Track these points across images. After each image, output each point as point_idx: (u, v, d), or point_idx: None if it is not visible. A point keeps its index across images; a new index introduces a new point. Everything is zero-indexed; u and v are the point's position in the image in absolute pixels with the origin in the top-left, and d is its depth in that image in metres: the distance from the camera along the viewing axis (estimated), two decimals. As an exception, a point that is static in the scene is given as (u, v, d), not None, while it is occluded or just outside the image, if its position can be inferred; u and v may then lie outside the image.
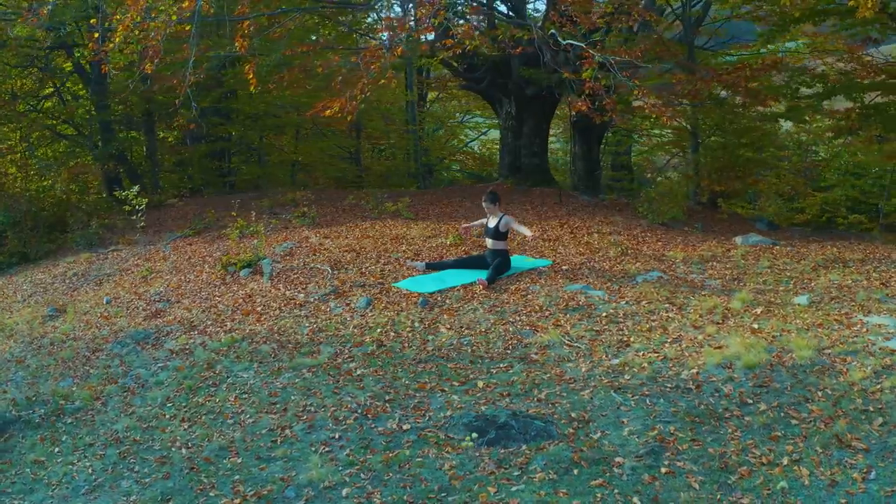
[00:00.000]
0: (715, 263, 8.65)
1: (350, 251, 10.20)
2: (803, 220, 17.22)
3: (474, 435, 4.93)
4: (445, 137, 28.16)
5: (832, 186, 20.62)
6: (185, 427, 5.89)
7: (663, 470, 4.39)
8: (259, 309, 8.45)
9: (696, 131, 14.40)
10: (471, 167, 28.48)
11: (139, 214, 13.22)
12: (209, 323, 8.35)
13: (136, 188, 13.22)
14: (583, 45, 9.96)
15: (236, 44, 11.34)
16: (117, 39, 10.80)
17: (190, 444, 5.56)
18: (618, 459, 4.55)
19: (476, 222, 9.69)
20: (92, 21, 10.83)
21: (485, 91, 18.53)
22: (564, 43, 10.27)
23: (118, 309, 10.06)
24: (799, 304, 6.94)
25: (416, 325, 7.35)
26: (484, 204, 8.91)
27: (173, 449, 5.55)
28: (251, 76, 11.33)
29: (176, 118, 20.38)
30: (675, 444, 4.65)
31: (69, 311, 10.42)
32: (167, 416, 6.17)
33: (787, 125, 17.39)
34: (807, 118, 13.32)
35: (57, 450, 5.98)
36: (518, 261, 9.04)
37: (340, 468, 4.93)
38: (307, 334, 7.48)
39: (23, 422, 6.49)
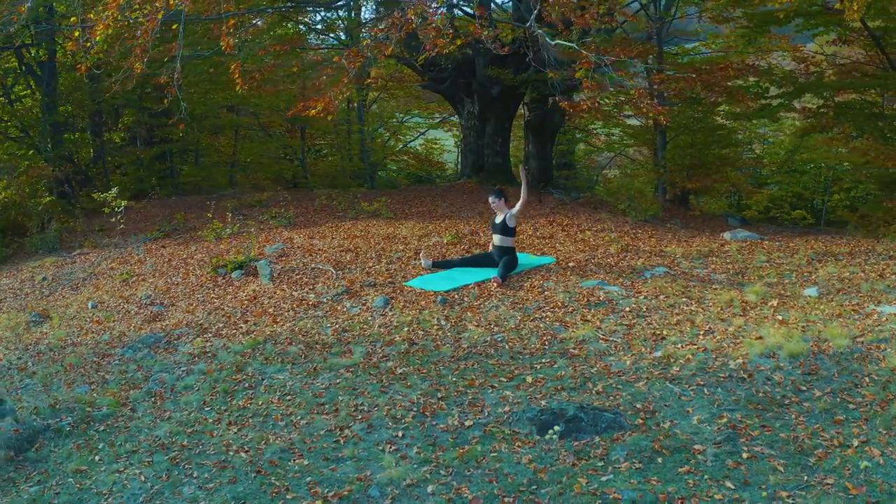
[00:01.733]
0: (714, 258, 8.97)
1: (346, 251, 10.15)
2: (750, 215, 17.94)
3: (557, 428, 5.02)
4: (385, 137, 28.11)
5: (778, 183, 21.53)
6: (235, 431, 5.80)
7: (745, 455, 4.57)
8: (271, 310, 8.35)
9: (663, 130, 14.83)
10: (413, 168, 28.56)
11: (119, 217, 12.81)
12: (220, 325, 8.20)
13: (116, 189, 12.80)
14: (575, 45, 10.17)
15: (221, 42, 11.12)
16: (97, 38, 10.48)
17: (247, 448, 5.48)
18: (696, 447, 4.72)
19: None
20: (72, 20, 10.47)
21: (447, 91, 18.61)
22: (553, 43, 10.47)
23: (108, 313, 9.78)
24: (810, 296, 7.28)
25: (443, 323, 7.40)
26: (490, 200, 9.01)
27: (230, 453, 5.46)
28: (237, 76, 11.14)
29: (122, 119, 19.92)
30: (746, 430, 4.84)
31: (54, 316, 10.07)
32: (210, 421, 6.05)
33: (763, 127, 18.12)
34: (779, 116, 13.84)
35: (97, 458, 5.80)
36: (522, 258, 9.17)
37: (416, 466, 4.95)
38: (332, 335, 7.44)
39: (52, 430, 6.26)
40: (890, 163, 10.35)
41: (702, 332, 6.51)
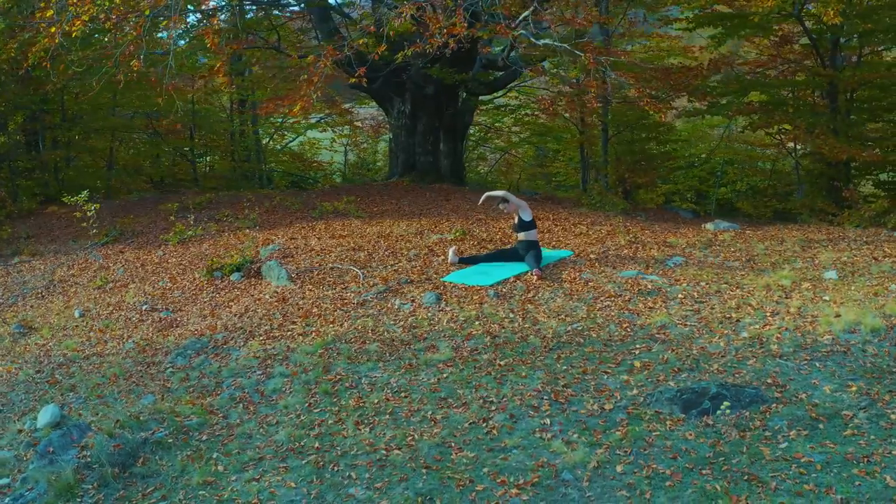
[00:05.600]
0: (716, 247, 9.64)
1: (355, 251, 10.06)
2: (651, 206, 19.23)
3: (726, 404, 5.33)
4: (265, 138, 27.58)
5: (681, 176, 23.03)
6: (368, 430, 5.72)
7: (893, 417, 5.08)
8: (315, 311, 8.18)
9: (606, 127, 15.63)
10: (297, 169, 28.20)
11: (91, 221, 11.96)
12: (267, 328, 7.96)
13: (86, 192, 11.94)
14: (567, 45, 10.59)
15: (206, 40, 10.70)
16: (74, 34, 9.86)
17: (396, 446, 5.43)
18: (845, 413, 5.17)
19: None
20: (49, 14, 9.74)
21: (376, 90, 18.59)
22: (541, 43, 10.85)
23: (106, 322, 9.23)
24: (832, 279, 8.04)
25: (511, 315, 7.56)
26: (501, 208, 9.30)
27: (381, 451, 5.40)
28: (222, 75, 10.75)
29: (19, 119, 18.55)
30: (878, 396, 5.37)
31: (42, 327, 9.37)
32: (330, 422, 5.92)
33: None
34: (728, 113, 14.87)
35: (220, 468, 5.55)
36: (542, 251, 9.45)
37: (588, 449, 5.11)
38: (402, 332, 7.42)
39: (152, 443, 5.91)
40: (843, 155, 11.51)
41: (768, 314, 7.05)
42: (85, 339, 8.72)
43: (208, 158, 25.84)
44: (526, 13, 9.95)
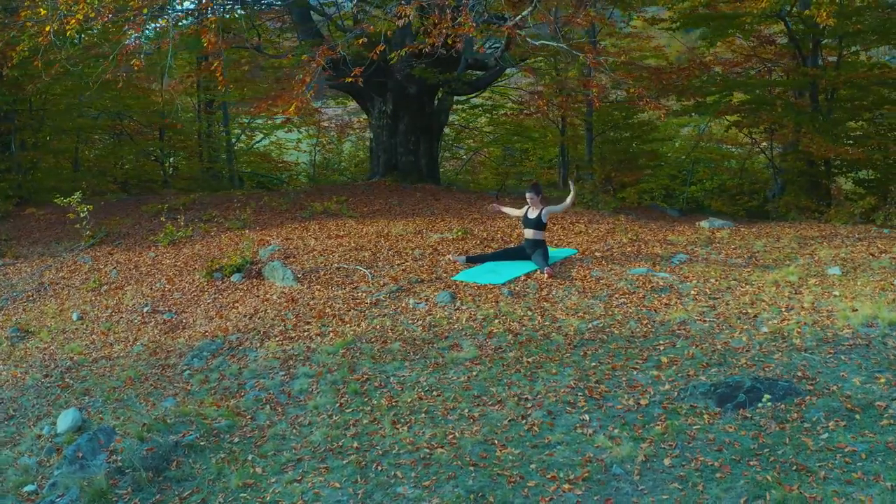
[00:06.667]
0: (717, 245, 9.80)
1: (359, 251, 10.02)
2: (635, 205, 19.49)
3: (767, 397, 5.43)
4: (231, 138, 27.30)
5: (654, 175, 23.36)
6: (406, 428, 5.71)
7: (926, 407, 5.24)
8: (329, 311, 8.13)
9: (591, 126, 15.80)
10: (265, 169, 27.97)
11: (84, 223, 11.70)
12: (280, 328, 7.88)
13: (78, 194, 11.67)
14: (565, 46, 10.67)
15: (203, 40, 10.52)
16: (69, 32, 9.67)
17: (438, 444, 5.43)
18: (879, 403, 5.31)
19: (508, 209, 9.91)
20: (43, 13, 9.53)
21: (358, 90, 18.52)
22: (538, 43, 10.93)
23: (107, 324, 9.07)
24: (836, 275, 8.24)
25: (530, 313, 7.59)
26: (528, 195, 9.26)
27: (423, 450, 5.39)
28: (219, 75, 10.58)
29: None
30: (908, 387, 5.54)
31: (40, 330, 9.16)
32: (365, 422, 5.90)
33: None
34: (716, 112, 15.10)
35: (258, 470, 5.49)
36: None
37: (632, 443, 5.17)
38: (422, 331, 7.41)
39: (183, 446, 5.82)
40: (830, 153, 11.80)
41: (783, 310, 7.20)
42: (88, 342, 8.55)
43: (171, 160, 25.43)
44: (526, 11, 9.99)
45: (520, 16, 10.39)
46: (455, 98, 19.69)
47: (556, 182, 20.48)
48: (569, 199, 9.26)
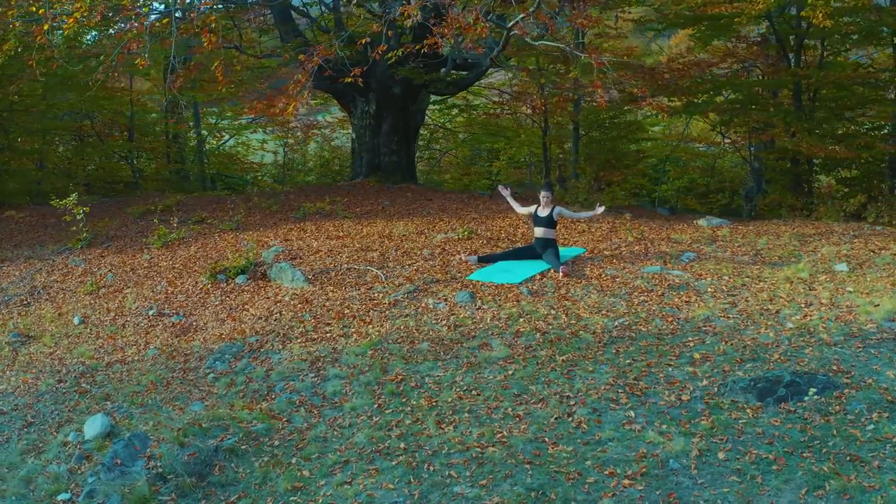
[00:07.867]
0: (721, 243, 9.94)
1: (366, 251, 9.96)
2: (616, 204, 19.73)
3: (813, 390, 5.52)
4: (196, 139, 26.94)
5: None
6: (452, 428, 5.69)
7: (963, 397, 5.40)
8: (347, 312, 8.07)
9: (577, 127, 15.94)
10: (232, 170, 27.68)
11: (80, 225, 11.42)
12: (300, 329, 7.81)
13: (75, 196, 11.39)
14: (566, 46, 10.76)
15: (203, 39, 10.36)
16: (66, 32, 9.46)
17: (489, 443, 5.42)
18: (917, 395, 5.48)
19: (513, 201, 9.90)
20: (40, 11, 9.28)
21: (340, 90, 18.40)
22: (538, 43, 11.00)
23: (112, 328, 8.90)
24: (843, 271, 8.43)
25: (553, 312, 7.62)
26: (541, 193, 9.30)
27: (474, 449, 5.39)
28: (220, 75, 10.44)
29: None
30: (941, 378, 5.69)
31: (43, 336, 8.95)
32: (408, 422, 5.87)
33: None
34: (702, 112, 15.31)
35: (305, 473, 5.44)
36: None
37: (684, 438, 5.22)
38: (447, 331, 7.39)
39: (224, 451, 5.73)
40: (820, 152, 12.08)
41: (803, 306, 7.34)
42: (96, 346, 8.36)
43: (136, 161, 24.94)
44: (532, 8, 10.03)
45: (524, 14, 10.43)
46: (431, 98, 19.72)
47: (525, 182, 20.60)
48: (586, 214, 9.35)
